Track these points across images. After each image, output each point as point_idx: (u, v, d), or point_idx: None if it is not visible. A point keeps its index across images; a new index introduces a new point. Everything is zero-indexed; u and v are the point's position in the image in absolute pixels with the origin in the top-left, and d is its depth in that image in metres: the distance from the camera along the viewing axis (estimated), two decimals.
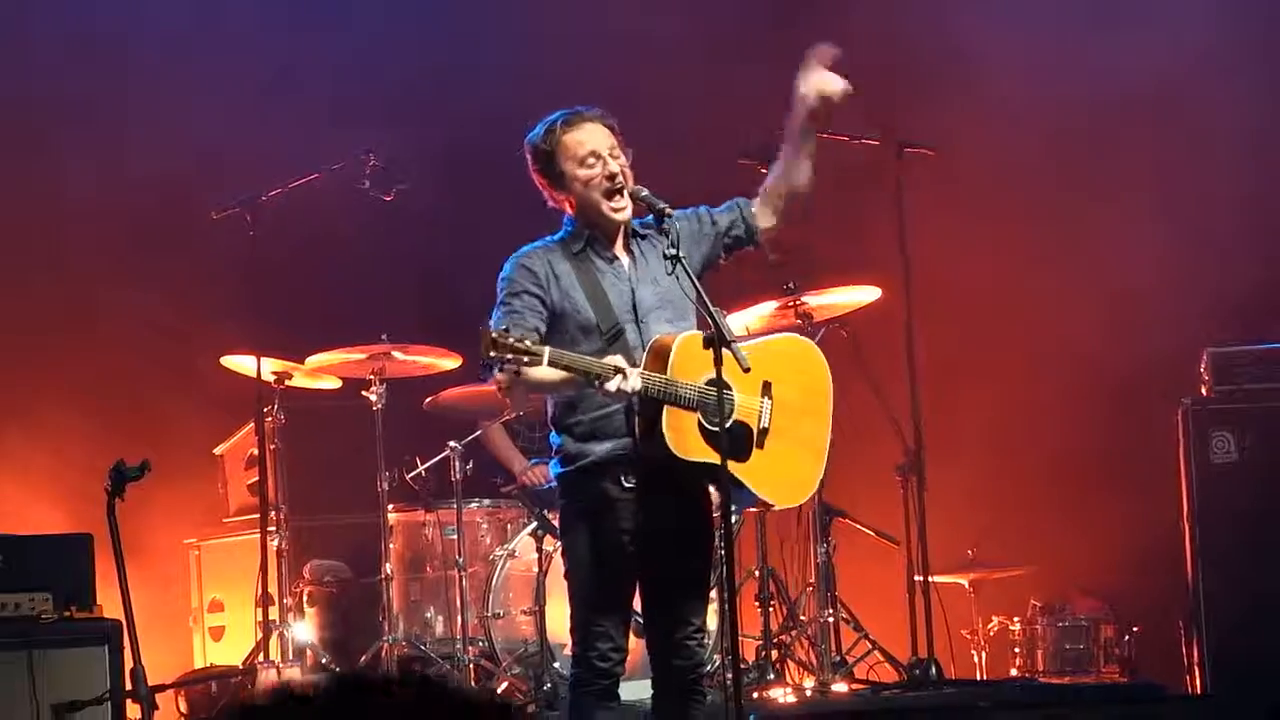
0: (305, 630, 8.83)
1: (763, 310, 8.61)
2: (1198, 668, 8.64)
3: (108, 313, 9.62)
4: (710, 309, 5.76)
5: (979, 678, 9.20)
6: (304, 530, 9.15)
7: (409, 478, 8.86)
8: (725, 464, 5.77)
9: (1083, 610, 9.22)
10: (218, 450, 9.66)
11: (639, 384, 5.75)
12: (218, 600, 9.41)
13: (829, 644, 8.56)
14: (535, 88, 8.54)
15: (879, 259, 8.82)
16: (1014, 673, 9.19)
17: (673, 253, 5.83)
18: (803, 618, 8.75)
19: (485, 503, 8.97)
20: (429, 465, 8.79)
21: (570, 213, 6.08)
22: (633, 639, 6.18)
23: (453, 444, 8.66)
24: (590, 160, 5.99)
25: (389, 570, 8.67)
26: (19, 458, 9.50)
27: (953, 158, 9.01)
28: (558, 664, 8.06)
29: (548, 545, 8.26)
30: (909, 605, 8.57)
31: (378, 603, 8.69)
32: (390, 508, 8.77)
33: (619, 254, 6.08)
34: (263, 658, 8.39)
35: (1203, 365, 8.83)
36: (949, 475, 9.00)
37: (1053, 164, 9.87)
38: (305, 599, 9.01)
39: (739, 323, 8.36)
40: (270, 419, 8.80)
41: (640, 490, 5.95)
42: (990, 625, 9.33)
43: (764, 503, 6.22)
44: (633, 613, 6.15)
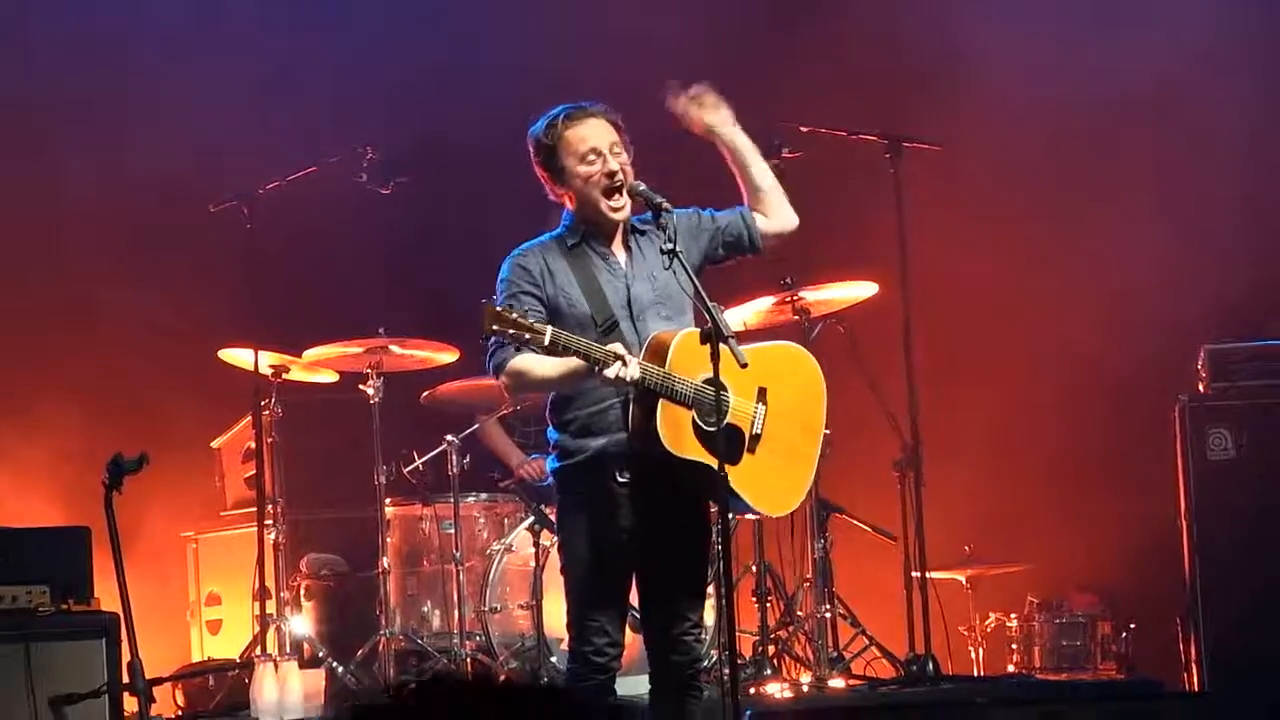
0: (302, 624, 8.82)
1: (760, 305, 8.61)
2: (1195, 664, 8.64)
3: (105, 307, 9.61)
4: (707, 303, 5.76)
5: (976, 674, 9.20)
6: (301, 524, 9.15)
7: (406, 471, 8.86)
8: (722, 461, 5.76)
9: (1080, 607, 9.22)
10: (215, 443, 9.65)
11: (638, 373, 5.75)
12: (215, 593, 9.41)
13: (826, 640, 8.56)
14: (534, 83, 8.53)
15: (877, 255, 8.82)
16: (1011, 669, 9.19)
17: (669, 247, 5.83)
18: (800, 613, 8.75)
19: (482, 497, 8.97)
20: (426, 459, 8.79)
21: (570, 207, 6.08)
22: (631, 634, 6.18)
23: (450, 438, 8.65)
24: (591, 157, 6.00)
25: (386, 564, 8.66)
26: (16, 451, 9.49)
27: (952, 155, 9.00)
28: (554, 658, 8.07)
29: (545, 540, 8.26)
30: (906, 601, 8.57)
31: (375, 596, 8.68)
32: (387, 501, 8.77)
33: (616, 250, 6.10)
34: (260, 651, 8.38)
35: (1200, 362, 8.83)
36: (946, 471, 9.00)
37: (1052, 162, 9.87)
38: (302, 592, 9.01)
39: (736, 318, 8.36)
40: (267, 412, 8.79)
41: (636, 485, 5.95)
42: (987, 621, 9.33)
43: (753, 511, 6.19)
44: (630, 608, 6.15)
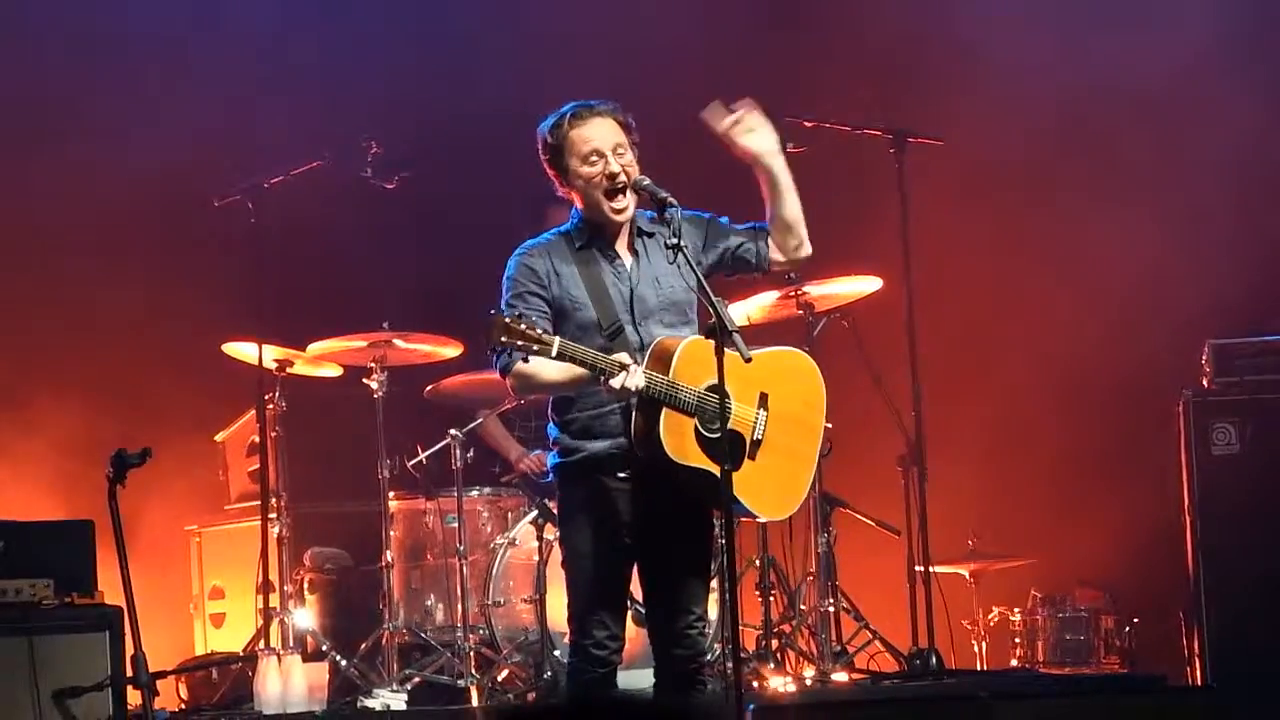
0: (306, 617, 8.83)
1: (764, 300, 8.60)
2: (1198, 659, 8.65)
3: (110, 301, 9.60)
4: (712, 299, 5.76)
5: (979, 668, 9.20)
6: (305, 517, 9.14)
7: (410, 465, 8.86)
8: (726, 464, 5.76)
9: (1083, 601, 9.23)
10: (219, 437, 9.66)
11: (643, 382, 5.75)
12: (218, 587, 9.41)
13: (829, 634, 8.56)
14: (539, 78, 8.55)
15: (880, 250, 8.82)
16: (1014, 663, 9.19)
17: (674, 242, 5.83)
18: (803, 607, 8.75)
19: (486, 491, 8.97)
20: (430, 453, 8.78)
21: (579, 205, 6.09)
22: (634, 628, 6.19)
23: (454, 432, 8.65)
24: (593, 158, 5.99)
25: (389, 558, 8.66)
26: (20, 446, 9.49)
27: (956, 149, 9.01)
28: (558, 652, 8.07)
29: (548, 534, 8.26)
30: (910, 595, 8.58)
31: (378, 590, 8.68)
32: (391, 495, 8.77)
33: (622, 252, 6.09)
34: (263, 645, 8.39)
35: (1204, 357, 8.83)
36: (950, 466, 9.01)
37: (1055, 156, 9.87)
38: (306, 586, 9.01)
39: (740, 312, 8.36)
40: (271, 406, 8.79)
41: (637, 480, 5.96)
42: (991, 616, 9.34)
43: (753, 515, 6.19)
44: (634, 602, 6.16)
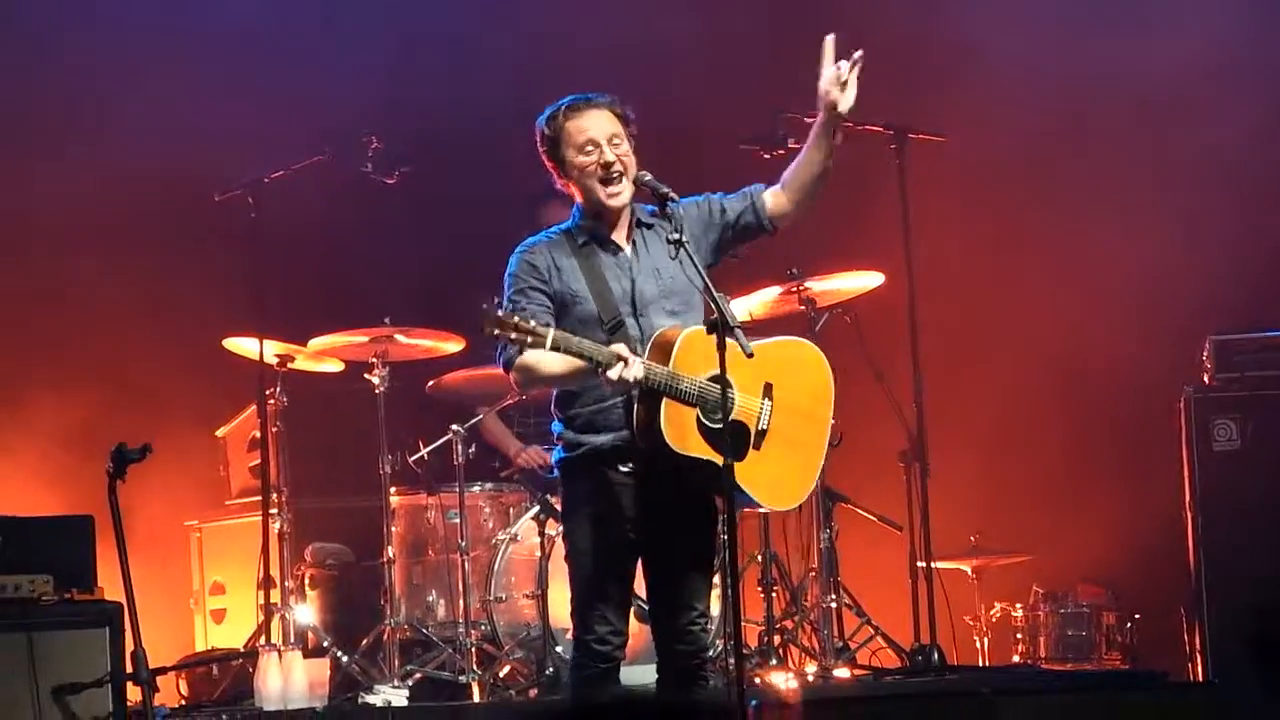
0: (307, 613, 8.82)
1: (766, 296, 8.61)
2: (1199, 655, 8.65)
3: (111, 296, 9.60)
4: (714, 294, 5.75)
5: (981, 664, 9.20)
6: (306, 513, 9.14)
7: (411, 461, 8.85)
8: (729, 456, 5.76)
9: (1085, 597, 9.23)
10: (220, 433, 9.65)
11: (641, 373, 5.75)
12: (219, 583, 9.40)
13: (832, 629, 8.56)
14: (539, 74, 8.55)
15: (882, 245, 8.81)
16: (1016, 659, 9.20)
17: (675, 237, 5.84)
18: (805, 603, 8.75)
19: (488, 486, 8.96)
20: (431, 449, 8.77)
21: (578, 198, 6.10)
22: (637, 624, 6.18)
23: (455, 427, 8.64)
24: (589, 148, 6.03)
25: (391, 553, 8.65)
26: (19, 441, 9.49)
27: (957, 145, 9.00)
28: (560, 648, 8.07)
29: (550, 529, 8.26)
30: (912, 591, 8.58)
31: (379, 586, 8.68)
32: (392, 491, 8.76)
33: (622, 244, 6.11)
34: (264, 640, 8.38)
35: (1205, 353, 8.83)
36: (952, 462, 9.00)
37: (1056, 153, 9.87)
38: (307, 582, 9.01)
39: (742, 307, 8.37)
40: (272, 401, 8.78)
41: (641, 476, 5.96)
42: (993, 611, 9.35)
43: (757, 505, 6.18)
44: (637, 598, 6.15)
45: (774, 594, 8.57)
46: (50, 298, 9.66)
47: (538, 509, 8.43)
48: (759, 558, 8.61)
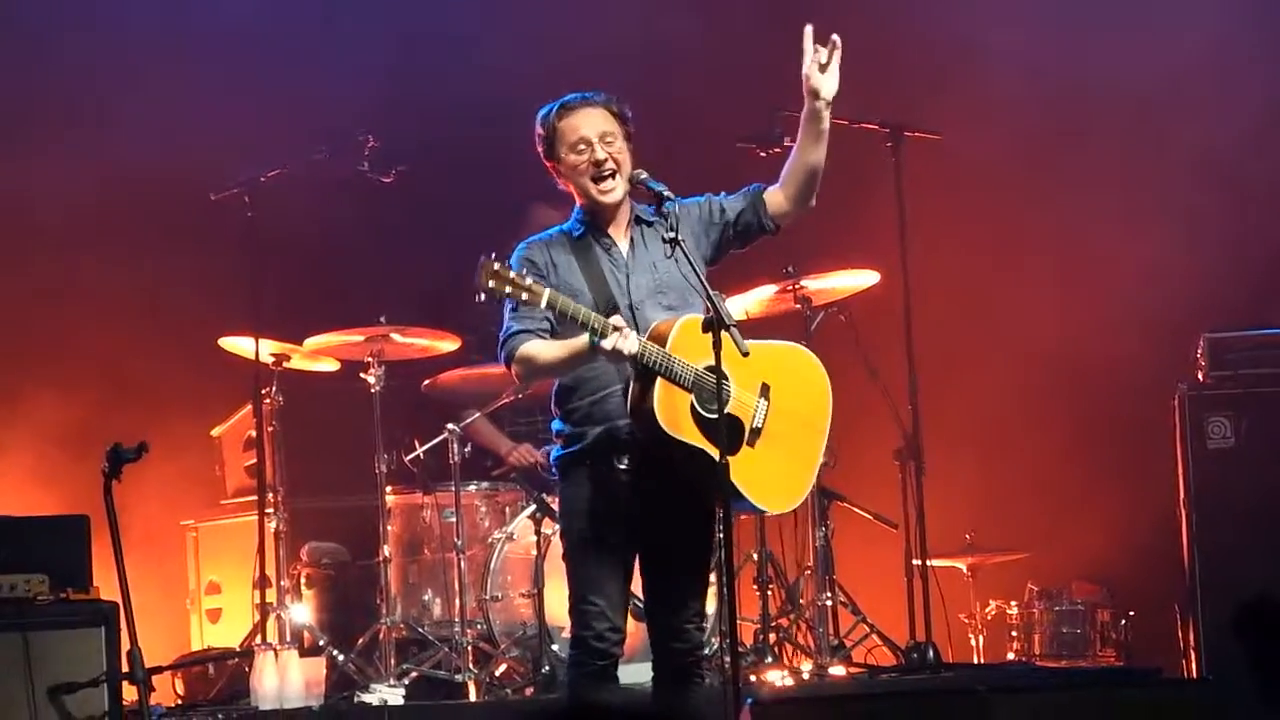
0: (303, 612, 8.82)
1: (761, 294, 8.61)
2: (1194, 652, 8.65)
3: (106, 295, 9.59)
4: (709, 292, 5.77)
5: (976, 661, 9.21)
6: (302, 512, 9.13)
7: (407, 460, 8.85)
8: (724, 449, 5.76)
9: (1080, 595, 9.24)
10: (215, 432, 9.64)
11: (635, 346, 5.78)
12: (215, 582, 9.40)
13: (827, 627, 8.57)
14: (537, 73, 8.54)
15: (878, 244, 8.82)
16: (1011, 657, 9.20)
17: (670, 236, 5.87)
18: (801, 601, 8.76)
19: (484, 485, 8.95)
20: (427, 448, 8.77)
21: (577, 199, 6.15)
22: (634, 622, 6.19)
23: (451, 426, 8.64)
24: (581, 146, 6.08)
25: (387, 553, 8.65)
26: (16, 439, 9.49)
27: (953, 144, 9.01)
28: (556, 646, 8.07)
29: (546, 528, 8.26)
30: (907, 589, 8.59)
31: (375, 585, 8.67)
32: (388, 490, 8.75)
33: (618, 240, 6.13)
34: (260, 640, 8.38)
35: (1199, 351, 8.83)
36: (947, 460, 9.01)
37: (1052, 152, 9.87)
38: (303, 581, 9.00)
39: (738, 306, 8.36)
40: (268, 401, 8.78)
41: (638, 473, 5.97)
42: (988, 609, 9.35)
43: (753, 508, 6.17)
44: (633, 596, 6.16)
45: (769, 592, 8.58)
46: (46, 297, 9.64)
47: (534, 508, 8.43)
48: (755, 556, 8.62)
